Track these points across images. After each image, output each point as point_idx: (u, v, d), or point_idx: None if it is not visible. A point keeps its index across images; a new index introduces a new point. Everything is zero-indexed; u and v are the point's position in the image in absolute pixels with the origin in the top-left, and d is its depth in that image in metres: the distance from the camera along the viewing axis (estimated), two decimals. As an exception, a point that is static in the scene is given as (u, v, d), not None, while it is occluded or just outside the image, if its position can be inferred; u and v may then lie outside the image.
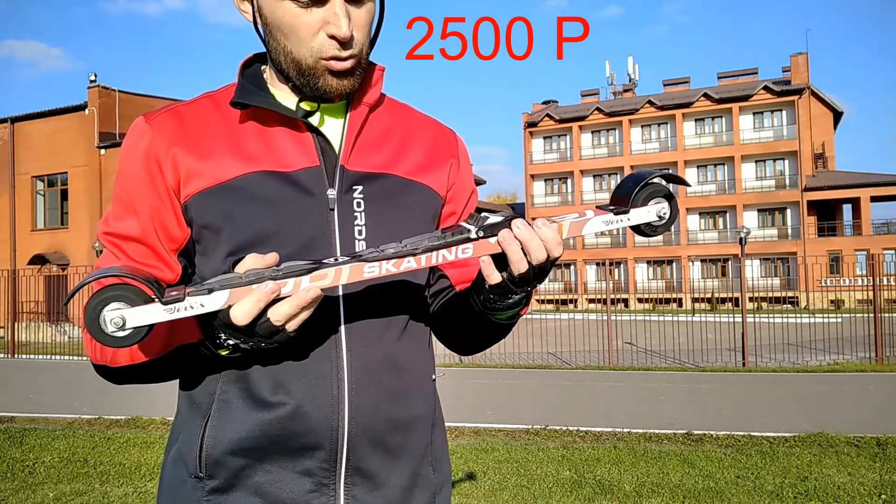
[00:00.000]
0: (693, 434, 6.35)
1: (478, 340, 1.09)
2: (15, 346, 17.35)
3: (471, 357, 13.85)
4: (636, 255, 42.18)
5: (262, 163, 0.93)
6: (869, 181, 38.96)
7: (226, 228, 0.92)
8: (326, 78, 0.93)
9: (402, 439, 0.97)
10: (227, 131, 0.96)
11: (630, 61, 48.82)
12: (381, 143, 1.02)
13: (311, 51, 0.91)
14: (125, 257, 0.95)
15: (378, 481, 0.94)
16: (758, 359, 12.77)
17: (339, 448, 0.91)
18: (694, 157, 41.94)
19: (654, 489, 4.67)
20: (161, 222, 0.94)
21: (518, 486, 4.78)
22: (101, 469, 5.35)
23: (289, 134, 0.96)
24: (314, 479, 0.91)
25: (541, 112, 46.66)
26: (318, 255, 0.91)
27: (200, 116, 0.97)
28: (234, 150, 0.94)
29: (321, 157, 0.96)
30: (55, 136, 27.12)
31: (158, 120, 0.96)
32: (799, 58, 40.55)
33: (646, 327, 16.99)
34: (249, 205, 0.91)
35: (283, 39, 0.91)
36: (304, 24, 0.90)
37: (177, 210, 0.94)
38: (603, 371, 11.80)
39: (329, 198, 0.94)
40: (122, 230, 0.95)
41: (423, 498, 0.99)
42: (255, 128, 0.96)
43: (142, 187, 0.94)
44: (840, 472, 5.00)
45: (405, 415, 0.97)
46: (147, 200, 0.94)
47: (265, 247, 0.89)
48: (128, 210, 0.95)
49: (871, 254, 13.51)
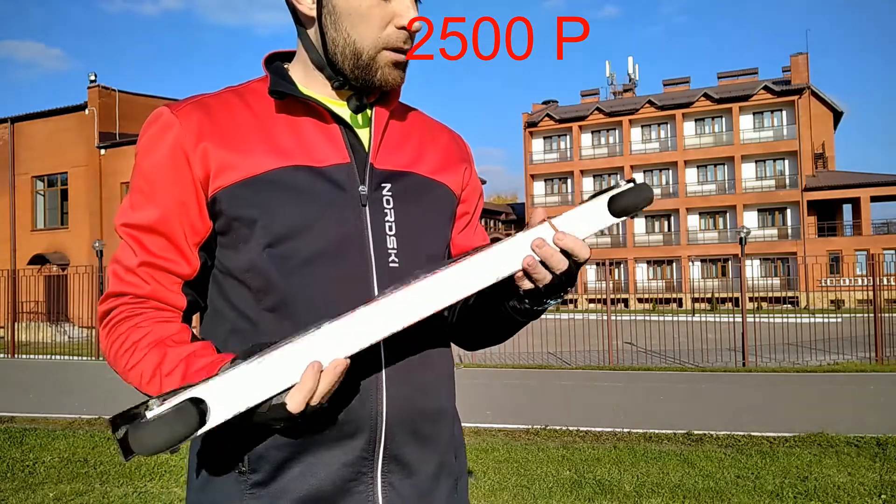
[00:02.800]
0: (693, 434, 6.35)
1: (496, 337, 1.12)
2: (15, 346, 17.34)
3: (471, 357, 13.85)
4: (636, 255, 42.18)
5: (295, 157, 0.95)
6: (869, 181, 38.96)
7: (260, 220, 0.92)
8: (386, 70, 0.96)
9: (431, 429, 1.01)
10: (257, 124, 0.96)
11: (630, 61, 48.85)
12: (403, 143, 1.05)
13: (377, 41, 0.95)
14: (141, 250, 0.94)
15: (412, 469, 0.98)
16: (758, 359, 12.77)
17: (377, 437, 0.94)
18: (694, 157, 41.94)
19: (654, 489, 4.67)
20: (186, 215, 0.94)
21: (518, 486, 4.78)
22: (101, 469, 5.35)
23: (318, 127, 0.98)
24: (354, 468, 0.93)
25: (541, 112, 46.65)
26: (348, 250, 0.94)
27: (228, 109, 0.97)
28: (267, 144, 0.95)
29: (351, 153, 0.98)
30: (55, 136, 27.12)
31: (185, 111, 0.95)
32: (799, 58, 40.55)
33: (646, 327, 16.98)
34: (284, 198, 0.93)
35: (350, 28, 0.94)
36: (377, 15, 0.94)
37: (202, 203, 0.94)
38: (603, 371, 11.80)
39: (361, 194, 0.97)
40: (141, 220, 0.94)
41: (448, 484, 1.04)
42: (286, 120, 0.97)
43: (167, 178, 0.93)
44: (840, 471, 5.00)
45: (434, 406, 1.01)
46: (172, 192, 0.93)
47: (299, 240, 0.92)
48: (149, 201, 0.94)
49: (871, 254, 13.50)
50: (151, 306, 0.94)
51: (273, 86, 0.97)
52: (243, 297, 0.95)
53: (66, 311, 23.10)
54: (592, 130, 45.18)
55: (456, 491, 1.06)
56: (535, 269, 0.89)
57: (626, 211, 0.91)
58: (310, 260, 0.93)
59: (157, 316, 0.94)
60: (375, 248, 0.96)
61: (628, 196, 0.91)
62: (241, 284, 0.95)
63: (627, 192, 0.91)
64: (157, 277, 0.94)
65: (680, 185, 41.88)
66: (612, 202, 0.91)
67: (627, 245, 42.76)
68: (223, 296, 0.98)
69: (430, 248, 1.03)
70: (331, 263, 0.93)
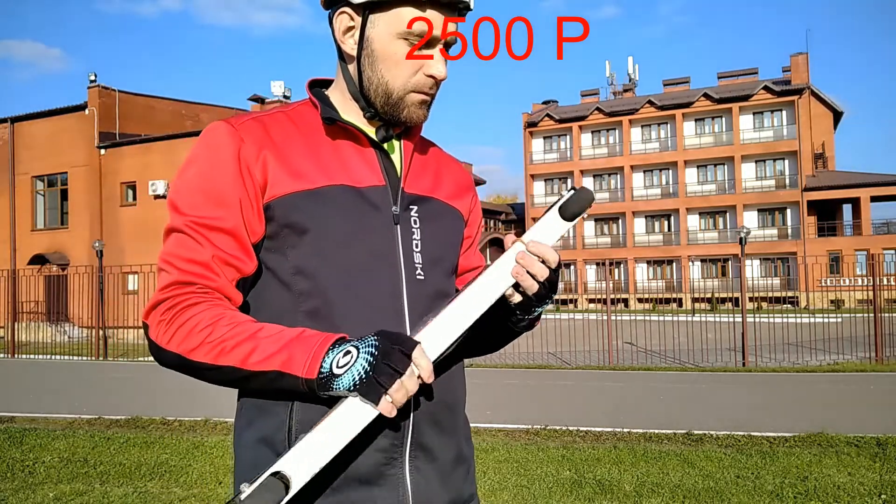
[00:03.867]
0: (693, 434, 6.36)
1: (496, 345, 1.27)
2: (15, 345, 17.35)
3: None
4: (636, 255, 42.19)
5: (339, 177, 1.08)
6: (869, 181, 38.97)
7: (312, 230, 1.03)
8: (412, 108, 1.09)
9: (450, 419, 1.13)
10: (307, 143, 1.09)
11: (630, 61, 48.84)
12: (425, 171, 1.20)
13: (407, 85, 1.07)
14: (210, 246, 1.01)
15: (434, 455, 1.09)
16: (758, 359, 12.78)
17: (407, 427, 1.05)
18: (694, 157, 41.95)
19: (654, 489, 4.67)
20: (248, 218, 1.04)
21: (518, 486, 4.79)
22: (102, 469, 5.35)
23: (356, 150, 1.11)
24: (387, 453, 1.04)
25: (541, 112, 46.66)
26: (383, 262, 1.07)
27: (281, 127, 1.10)
28: (316, 162, 1.08)
29: (385, 177, 1.11)
30: (55, 136, 27.12)
31: (246, 126, 1.07)
32: (799, 58, 40.56)
33: (646, 327, 16.98)
34: (333, 212, 1.05)
35: (385, 71, 1.06)
36: (409, 63, 1.06)
37: (259, 207, 1.05)
38: (603, 371, 11.81)
39: (394, 214, 1.10)
40: (211, 221, 1.02)
41: (463, 469, 1.16)
42: (329, 142, 1.11)
43: (232, 183, 1.03)
44: (840, 471, 5.00)
45: (453, 397, 1.14)
46: (236, 195, 1.03)
47: (344, 250, 1.04)
48: (216, 203, 1.02)
49: (871, 254, 13.51)
50: (219, 297, 1.02)
51: (324, 113, 1.10)
52: (283, 297, 1.05)
53: (65, 310, 23.12)
54: (592, 130, 45.19)
55: (468, 477, 1.17)
56: (522, 278, 1.04)
57: (576, 214, 1.07)
58: (351, 269, 1.04)
59: (228, 305, 1.02)
60: (405, 261, 1.09)
61: (574, 202, 1.07)
62: (284, 286, 1.05)
63: (572, 198, 1.07)
64: (226, 273, 1.03)
65: (680, 185, 41.89)
66: (563, 210, 1.07)
67: (627, 245, 42.76)
68: (259, 295, 1.08)
69: (448, 263, 1.18)
70: (368, 274, 1.05)
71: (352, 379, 0.90)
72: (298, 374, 0.93)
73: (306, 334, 0.96)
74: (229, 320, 0.98)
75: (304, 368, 0.93)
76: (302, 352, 0.93)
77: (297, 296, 1.04)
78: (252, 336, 0.96)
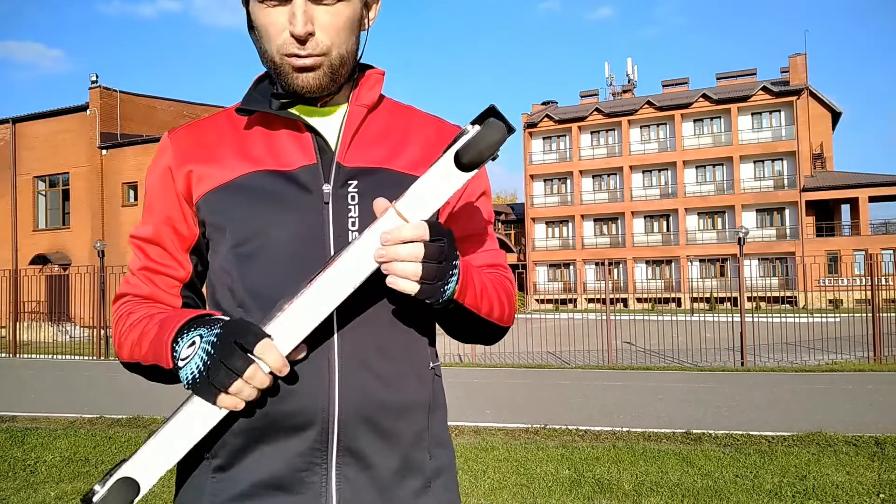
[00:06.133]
0: (692, 433, 6.38)
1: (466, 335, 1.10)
2: (16, 345, 17.37)
3: (471, 356, 13.87)
4: (635, 254, 42.19)
5: (264, 163, 1.01)
6: (867, 181, 38.98)
7: (228, 225, 0.99)
8: (292, 75, 0.98)
9: (394, 423, 0.99)
10: (236, 138, 1.05)
11: (629, 62, 48.88)
12: (379, 141, 1.06)
13: (278, 48, 0.97)
14: (145, 258, 1.07)
15: (369, 462, 0.97)
16: (756, 358, 12.80)
17: (330, 429, 0.95)
18: (693, 158, 41.96)
19: (654, 488, 4.69)
20: (172, 225, 1.05)
21: (518, 485, 4.81)
22: (103, 468, 5.36)
23: (291, 135, 1.03)
24: (306, 458, 0.95)
25: (540, 112, 46.65)
26: (309, 248, 0.97)
27: (215, 128, 1.07)
28: (241, 154, 1.02)
29: (318, 155, 1.02)
30: (56, 136, 27.13)
31: (179, 134, 1.08)
32: (797, 58, 40.58)
33: (645, 327, 17.00)
34: (250, 202, 0.99)
35: (265, 41, 0.99)
36: (272, 24, 0.97)
37: (187, 213, 1.04)
38: (602, 370, 11.82)
39: (324, 192, 1.00)
40: (142, 234, 1.08)
41: (416, 483, 1.01)
42: (262, 132, 1.04)
43: (158, 195, 1.06)
44: (838, 471, 5.02)
45: (398, 399, 0.99)
46: (162, 206, 1.06)
47: (260, 240, 0.98)
48: (149, 216, 1.08)
49: (870, 254, 13.52)
50: (148, 304, 1.05)
51: (244, 103, 1.05)
52: (225, 296, 1.02)
53: (67, 310, 23.10)
54: (591, 131, 45.18)
55: (428, 492, 1.02)
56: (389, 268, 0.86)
57: (479, 162, 0.84)
58: (270, 259, 0.97)
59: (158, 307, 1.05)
60: (336, 244, 0.98)
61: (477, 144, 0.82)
62: (220, 284, 1.03)
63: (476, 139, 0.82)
64: (156, 280, 1.06)
65: (679, 186, 41.89)
66: (460, 155, 0.83)
67: (626, 245, 42.77)
68: (212, 295, 1.06)
69: None
70: (290, 261, 0.97)
71: (187, 375, 0.88)
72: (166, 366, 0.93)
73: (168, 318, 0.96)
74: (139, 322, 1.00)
75: (166, 359, 0.92)
76: (160, 342, 0.93)
77: (230, 292, 1.01)
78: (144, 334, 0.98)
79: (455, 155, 0.83)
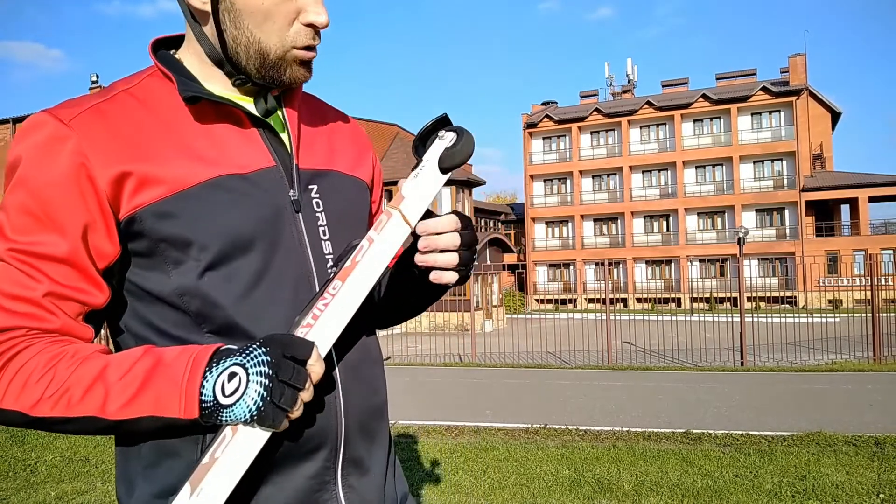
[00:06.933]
0: (692, 433, 6.38)
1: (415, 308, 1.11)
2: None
3: (471, 356, 13.87)
4: (635, 254, 42.21)
5: (219, 165, 0.87)
6: (867, 181, 39.01)
7: (197, 240, 0.84)
8: (294, 68, 0.90)
9: (378, 424, 1.00)
10: (167, 131, 0.87)
11: (629, 62, 48.88)
12: (316, 139, 1.00)
13: (284, 40, 0.88)
14: (47, 280, 0.81)
15: (365, 467, 0.96)
16: (756, 358, 12.81)
17: (339, 445, 0.92)
18: (692, 158, 41.98)
19: (653, 488, 4.69)
20: (93, 240, 0.83)
21: (518, 485, 4.81)
22: (103, 468, 5.37)
23: (234, 131, 0.91)
24: (318, 479, 0.91)
25: (540, 113, 46.67)
26: (289, 262, 0.90)
27: (128, 116, 0.86)
28: (185, 153, 0.86)
29: (275, 156, 0.92)
30: (54, 136, 27.15)
31: (81, 120, 0.83)
32: (797, 59, 40.59)
33: (645, 327, 17.01)
34: (218, 212, 0.85)
35: (254, 28, 0.86)
36: (282, 13, 0.87)
37: (110, 225, 0.83)
38: (602, 370, 11.82)
39: (293, 200, 0.92)
40: (40, 249, 0.80)
41: (391, 474, 1.04)
42: (198, 126, 0.89)
43: (68, 200, 0.81)
44: (838, 470, 5.03)
45: (379, 401, 1.01)
46: (76, 215, 0.81)
47: (240, 259, 0.86)
48: (44, 225, 0.81)
49: (869, 254, 13.52)
50: (60, 341, 0.82)
51: (184, 89, 0.87)
52: (180, 322, 0.86)
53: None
54: (591, 131, 45.20)
55: (399, 479, 1.07)
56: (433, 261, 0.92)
57: (455, 167, 0.93)
58: (253, 278, 0.87)
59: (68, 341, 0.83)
60: (314, 255, 0.92)
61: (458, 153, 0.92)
62: (175, 309, 0.86)
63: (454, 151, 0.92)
64: (66, 308, 0.82)
65: (678, 186, 41.91)
66: (441, 162, 0.92)
67: (626, 245, 42.78)
68: (147, 323, 0.87)
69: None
70: (274, 278, 0.88)
71: (248, 410, 0.76)
72: (177, 416, 0.77)
73: (166, 359, 0.79)
74: (70, 360, 0.79)
75: (182, 408, 0.77)
76: (170, 387, 0.77)
77: (194, 317, 0.85)
78: (99, 376, 0.78)
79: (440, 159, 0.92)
